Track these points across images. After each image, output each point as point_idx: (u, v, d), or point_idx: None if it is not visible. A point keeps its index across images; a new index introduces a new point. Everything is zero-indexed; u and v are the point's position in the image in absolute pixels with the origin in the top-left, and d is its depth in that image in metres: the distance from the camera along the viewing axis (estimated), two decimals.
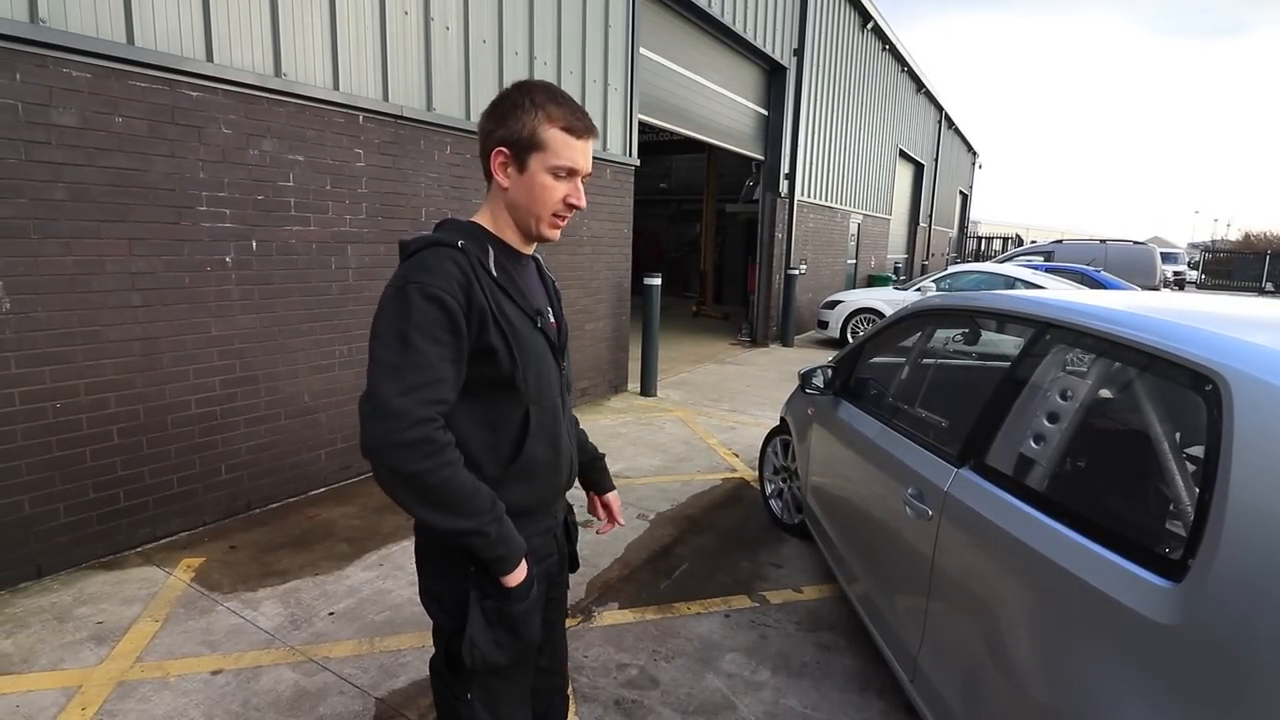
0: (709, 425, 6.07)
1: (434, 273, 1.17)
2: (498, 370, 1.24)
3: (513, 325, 1.26)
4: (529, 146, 1.25)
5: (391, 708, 2.34)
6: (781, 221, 10.93)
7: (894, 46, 15.40)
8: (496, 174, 1.29)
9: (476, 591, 1.26)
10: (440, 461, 1.14)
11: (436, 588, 1.34)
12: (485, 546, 1.20)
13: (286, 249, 3.84)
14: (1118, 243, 15.26)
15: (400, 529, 3.71)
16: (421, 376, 1.14)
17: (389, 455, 1.11)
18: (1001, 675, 1.66)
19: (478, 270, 1.22)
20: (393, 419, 1.11)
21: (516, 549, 1.25)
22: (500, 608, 1.26)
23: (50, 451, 3.03)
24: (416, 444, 1.12)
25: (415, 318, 1.14)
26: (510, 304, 1.27)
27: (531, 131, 1.24)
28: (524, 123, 1.24)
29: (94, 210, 3.05)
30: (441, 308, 1.16)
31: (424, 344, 1.14)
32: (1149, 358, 1.58)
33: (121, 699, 2.33)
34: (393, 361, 1.14)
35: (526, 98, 1.25)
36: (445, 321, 1.16)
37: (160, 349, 3.36)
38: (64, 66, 2.89)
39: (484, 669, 1.28)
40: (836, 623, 2.98)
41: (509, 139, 1.26)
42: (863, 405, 2.88)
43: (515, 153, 1.26)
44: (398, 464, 1.12)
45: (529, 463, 1.32)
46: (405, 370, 1.13)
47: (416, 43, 4.43)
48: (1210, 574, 1.22)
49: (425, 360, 1.14)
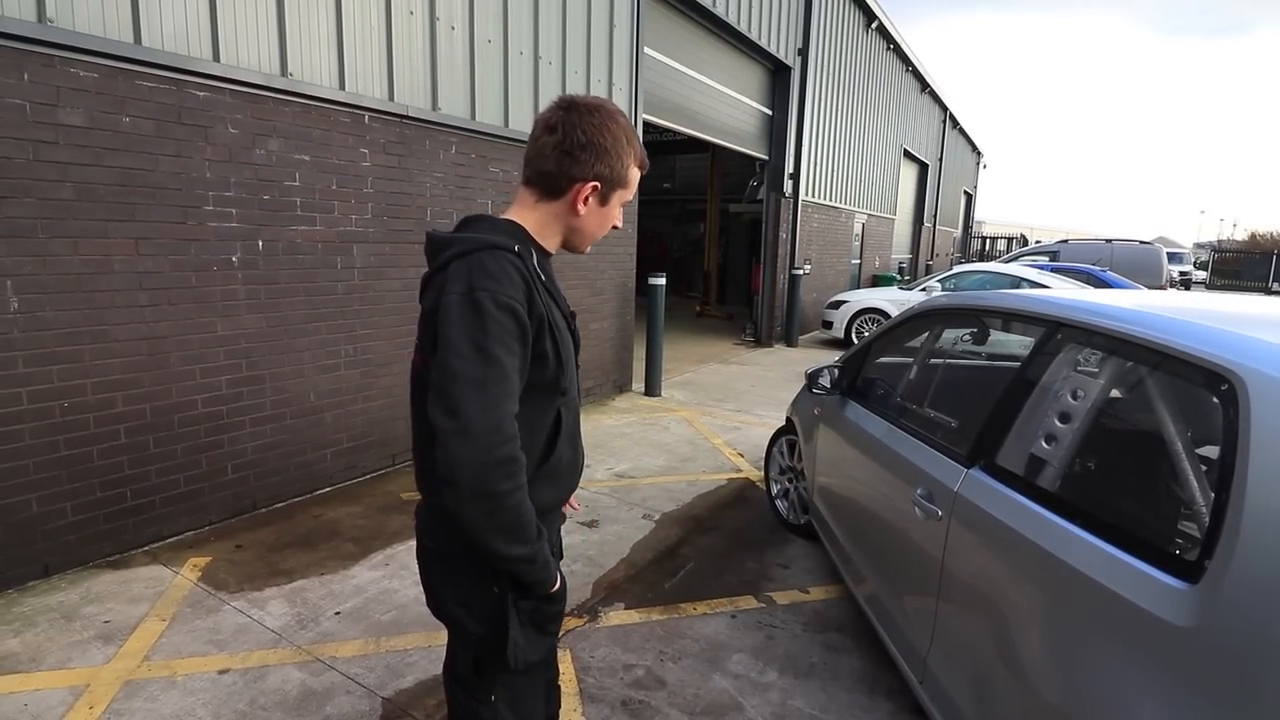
0: (714, 425, 6.06)
1: (500, 280, 1.13)
2: (545, 374, 1.23)
3: (561, 330, 1.26)
4: (618, 184, 1.29)
5: (398, 707, 2.34)
6: (786, 221, 10.91)
7: (898, 46, 15.37)
8: (579, 203, 1.28)
9: (513, 594, 1.24)
10: (519, 483, 1.12)
11: (466, 595, 1.29)
12: (531, 572, 1.19)
13: (292, 249, 3.85)
14: (1123, 242, 15.20)
15: (406, 529, 3.70)
16: (502, 389, 1.10)
17: (479, 476, 1.07)
18: (1013, 677, 1.65)
19: (534, 276, 1.20)
20: (484, 437, 1.07)
21: (554, 569, 1.26)
22: (538, 608, 1.27)
23: (58, 451, 3.03)
24: (505, 463, 1.09)
25: (491, 328, 1.10)
26: (556, 308, 1.28)
27: (626, 172, 1.29)
28: (624, 163, 1.28)
29: (101, 210, 3.05)
30: (513, 317, 1.13)
31: (503, 356, 1.11)
32: (1162, 357, 1.57)
33: (129, 698, 2.33)
34: (475, 375, 1.08)
35: (625, 138, 1.27)
36: (517, 331, 1.13)
37: (167, 348, 3.36)
38: (71, 66, 2.89)
39: (524, 669, 1.28)
40: (844, 624, 2.97)
41: (607, 177, 1.27)
42: (870, 405, 2.87)
43: (606, 190, 1.29)
44: (485, 485, 1.07)
45: (557, 463, 1.32)
46: (489, 384, 1.09)
47: (422, 43, 4.43)
48: (1227, 575, 1.21)
49: (504, 373, 1.10)
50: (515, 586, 1.24)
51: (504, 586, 1.24)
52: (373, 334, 4.34)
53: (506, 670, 1.28)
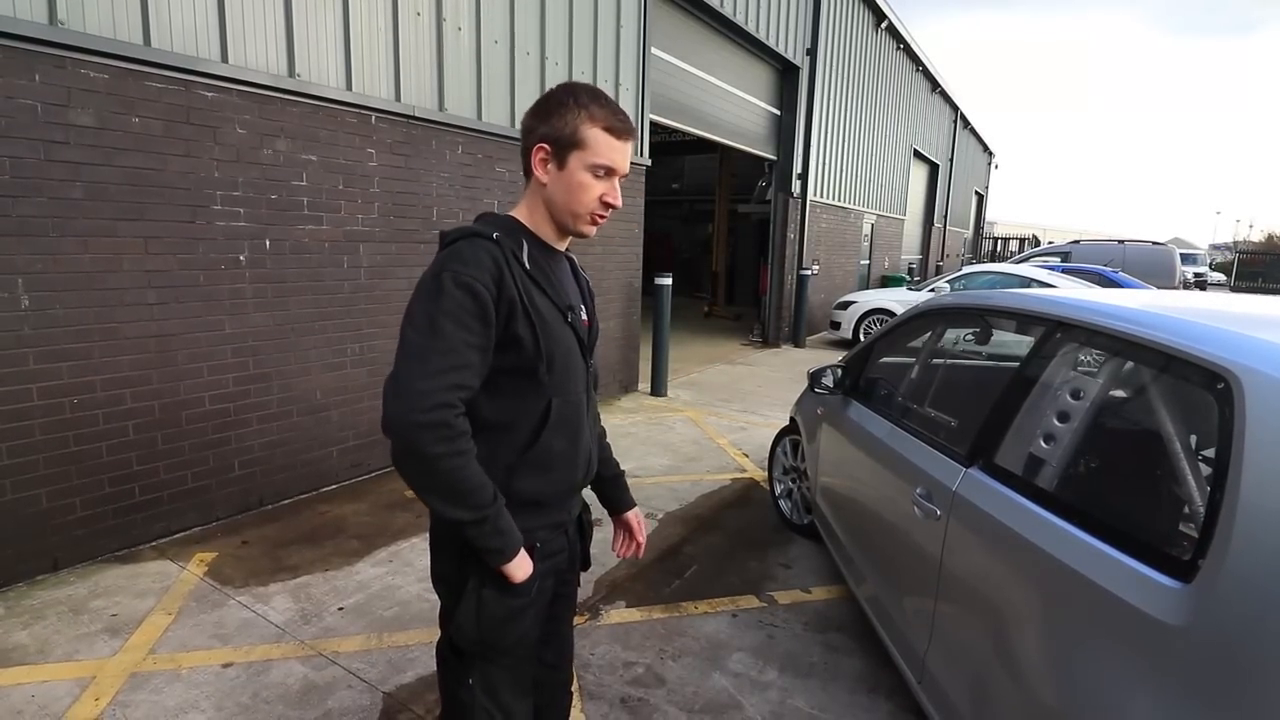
0: (719, 425, 6.06)
1: (468, 262, 1.20)
2: (522, 360, 1.27)
3: (542, 317, 1.28)
4: (570, 144, 1.28)
5: (399, 702, 2.36)
6: (794, 222, 10.89)
7: (908, 46, 15.30)
8: (536, 169, 1.32)
9: (476, 579, 1.28)
10: (452, 449, 1.16)
11: (444, 570, 1.37)
12: (479, 536, 1.23)
13: (299, 248, 3.88)
14: (1136, 243, 15.05)
15: (410, 526, 3.73)
16: (446, 361, 1.17)
17: (405, 433, 1.14)
18: (1009, 677, 1.64)
19: (510, 261, 1.25)
20: (416, 399, 1.14)
21: (511, 542, 1.26)
22: (499, 597, 1.28)
23: (67, 446, 3.07)
24: (433, 426, 1.14)
25: (446, 304, 1.18)
26: (542, 296, 1.30)
27: (574, 130, 1.27)
28: (567, 121, 1.27)
29: (111, 209, 3.09)
30: (472, 295, 1.19)
31: (452, 329, 1.17)
32: (1159, 356, 1.56)
33: (134, 690, 2.36)
34: (420, 344, 1.17)
35: (571, 97, 1.28)
36: (475, 309, 1.19)
37: (175, 346, 3.40)
38: (82, 67, 2.93)
39: (474, 652, 1.33)
40: (845, 624, 2.96)
41: (551, 136, 1.28)
42: (872, 405, 2.87)
43: (556, 150, 1.29)
44: (411, 444, 1.15)
45: (544, 453, 1.33)
46: (431, 353, 1.16)
47: (429, 44, 4.46)
48: (1220, 574, 1.21)
49: (451, 345, 1.17)
50: (481, 571, 1.28)
51: (470, 565, 1.29)
52: (379, 332, 4.37)
53: (460, 648, 1.33)
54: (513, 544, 1.26)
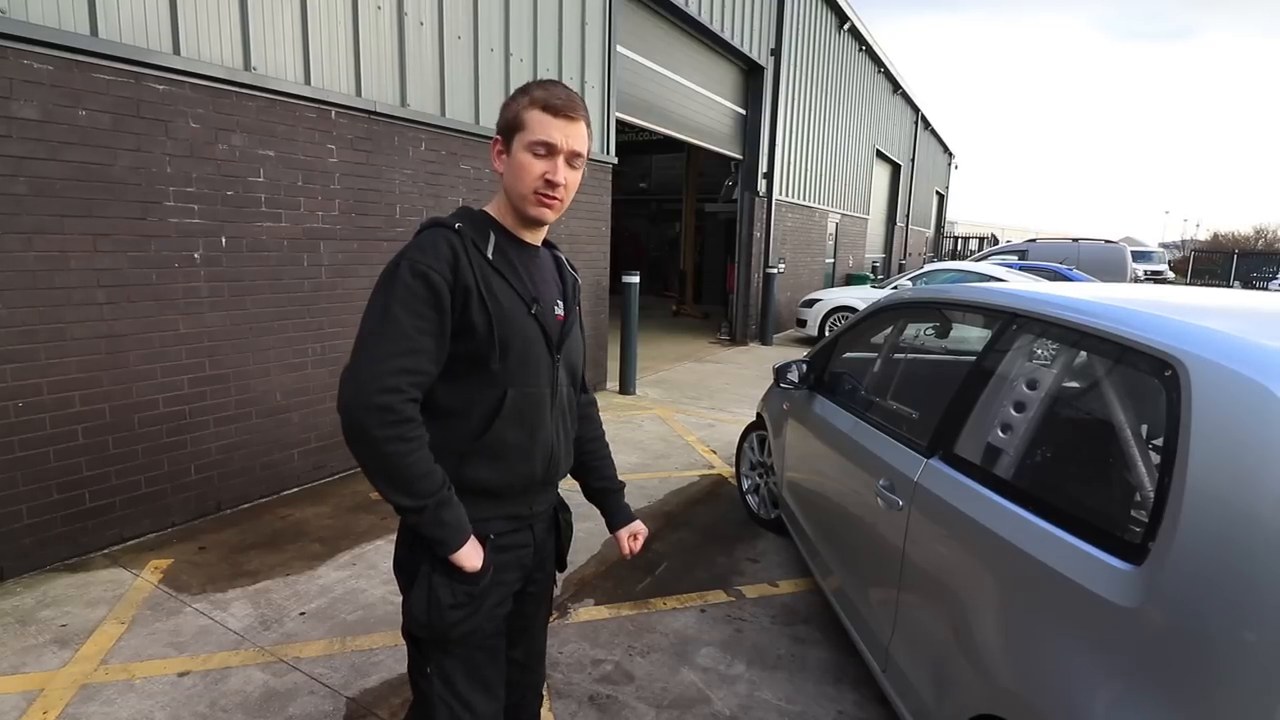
0: (688, 423, 6.07)
1: (426, 250, 1.24)
2: (472, 346, 1.28)
3: (500, 305, 1.28)
4: (513, 129, 1.31)
5: (363, 707, 2.32)
6: (760, 221, 10.98)
7: (870, 47, 15.54)
8: (495, 162, 1.37)
9: (428, 565, 1.31)
10: (398, 434, 1.19)
11: (401, 555, 1.39)
12: (420, 524, 1.25)
13: (257, 245, 3.79)
14: (1090, 242, 15.52)
15: (374, 528, 3.67)
16: (395, 346, 1.20)
17: (355, 418, 1.19)
18: (969, 663, 1.67)
19: (470, 250, 1.27)
20: (364, 383, 1.18)
21: (455, 535, 1.27)
22: (449, 584, 1.30)
23: (12, 452, 2.96)
24: (379, 410, 1.17)
25: (400, 292, 1.21)
26: (503, 285, 1.30)
27: (515, 115, 1.31)
28: (511, 109, 1.32)
29: (57, 205, 2.98)
30: (426, 282, 1.21)
31: (404, 316, 1.20)
32: (1110, 345, 1.60)
33: (85, 702, 2.28)
34: (372, 330, 1.21)
35: (520, 90, 1.33)
36: (428, 295, 1.21)
37: (126, 347, 3.29)
38: (24, 58, 2.82)
39: (427, 638, 1.35)
40: (811, 616, 2.99)
41: (502, 126, 1.34)
42: (837, 399, 2.90)
43: (505, 139, 1.33)
44: (357, 425, 1.19)
45: (496, 443, 1.32)
46: (382, 340, 1.20)
47: (390, 38, 4.39)
48: (1169, 556, 1.24)
49: (401, 331, 1.20)
50: (433, 558, 1.30)
51: (422, 551, 1.31)
52: (341, 332, 4.29)
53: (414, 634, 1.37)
54: (456, 537, 1.27)
